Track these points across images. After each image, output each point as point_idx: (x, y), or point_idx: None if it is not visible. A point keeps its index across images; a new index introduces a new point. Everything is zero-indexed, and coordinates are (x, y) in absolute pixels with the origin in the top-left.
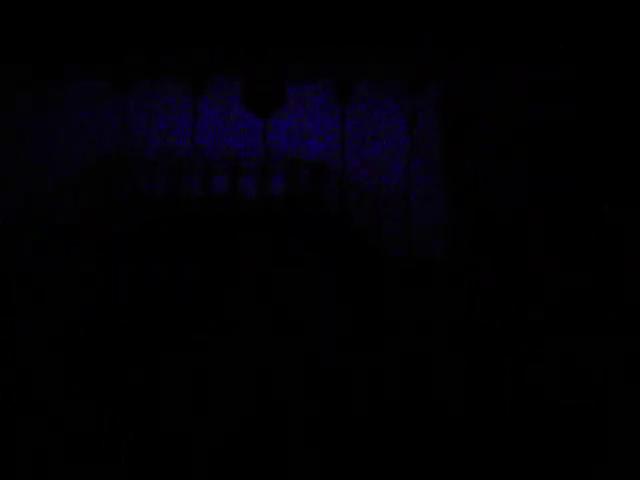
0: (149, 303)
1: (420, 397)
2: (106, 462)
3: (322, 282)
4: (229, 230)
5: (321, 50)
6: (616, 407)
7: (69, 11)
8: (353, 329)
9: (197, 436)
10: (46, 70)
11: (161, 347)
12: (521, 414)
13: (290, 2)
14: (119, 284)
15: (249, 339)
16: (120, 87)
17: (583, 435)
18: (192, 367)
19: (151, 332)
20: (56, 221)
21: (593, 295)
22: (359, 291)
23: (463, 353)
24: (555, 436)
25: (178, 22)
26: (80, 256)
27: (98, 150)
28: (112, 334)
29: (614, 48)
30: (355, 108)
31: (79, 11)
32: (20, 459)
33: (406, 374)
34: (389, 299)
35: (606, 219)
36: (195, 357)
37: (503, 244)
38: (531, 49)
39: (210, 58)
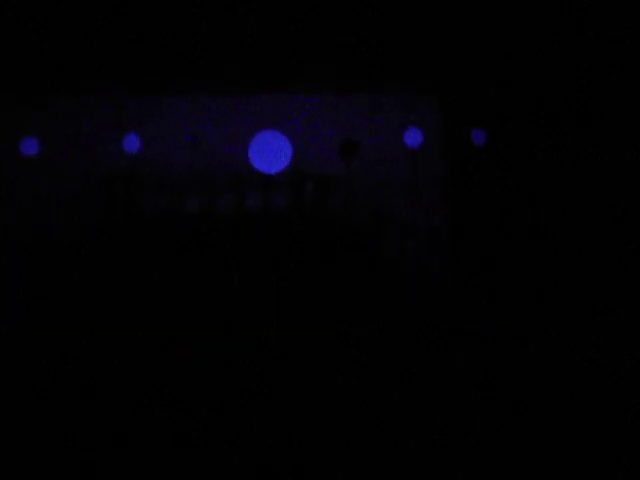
0: (150, 310)
1: None
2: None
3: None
4: (233, 246)
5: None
6: None
7: (84, 31)
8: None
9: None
10: (60, 86)
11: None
12: None
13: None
14: (119, 296)
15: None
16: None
17: None
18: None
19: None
20: (57, 236)
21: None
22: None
23: None
24: None
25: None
26: (79, 270)
27: (101, 168)
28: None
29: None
30: (358, 118)
31: (95, 31)
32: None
33: None
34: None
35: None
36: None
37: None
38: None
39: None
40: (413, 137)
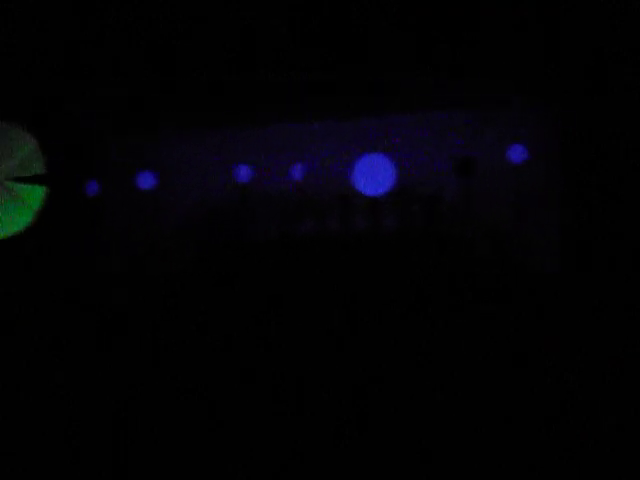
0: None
1: None
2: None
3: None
4: (343, 269)
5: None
6: None
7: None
8: None
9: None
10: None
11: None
12: None
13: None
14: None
15: None
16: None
17: None
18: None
19: None
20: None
21: None
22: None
23: None
24: None
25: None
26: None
27: (212, 199)
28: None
29: None
30: (464, 135)
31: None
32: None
33: None
34: None
35: None
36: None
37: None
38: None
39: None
40: (517, 154)
